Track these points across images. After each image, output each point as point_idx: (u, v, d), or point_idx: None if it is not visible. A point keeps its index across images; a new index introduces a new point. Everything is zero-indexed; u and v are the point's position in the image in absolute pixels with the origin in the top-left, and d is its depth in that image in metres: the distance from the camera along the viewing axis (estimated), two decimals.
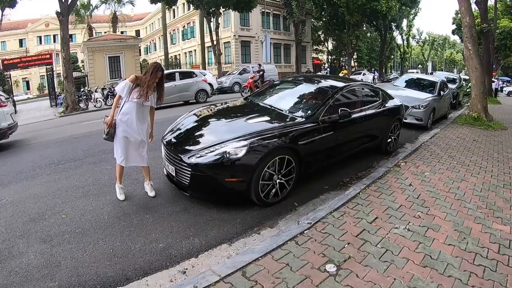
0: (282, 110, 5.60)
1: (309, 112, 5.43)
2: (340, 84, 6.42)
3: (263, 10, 43.20)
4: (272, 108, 5.76)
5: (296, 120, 5.17)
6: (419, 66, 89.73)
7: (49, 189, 5.41)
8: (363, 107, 6.47)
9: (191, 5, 36.14)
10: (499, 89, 37.27)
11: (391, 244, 3.62)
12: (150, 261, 3.39)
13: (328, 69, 30.27)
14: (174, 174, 4.68)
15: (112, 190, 5.13)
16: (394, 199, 4.87)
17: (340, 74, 24.81)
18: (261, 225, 4.20)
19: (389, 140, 7.38)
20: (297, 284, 2.89)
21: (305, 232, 3.79)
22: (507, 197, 5.36)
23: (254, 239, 3.86)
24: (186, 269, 3.28)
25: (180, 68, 44.89)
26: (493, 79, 29.63)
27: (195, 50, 50.01)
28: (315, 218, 4.10)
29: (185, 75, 18.25)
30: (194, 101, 17.90)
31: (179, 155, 4.53)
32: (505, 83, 50.43)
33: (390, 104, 7.31)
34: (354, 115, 5.97)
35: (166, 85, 14.32)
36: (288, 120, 5.20)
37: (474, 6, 21.59)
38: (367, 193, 5.04)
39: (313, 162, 5.31)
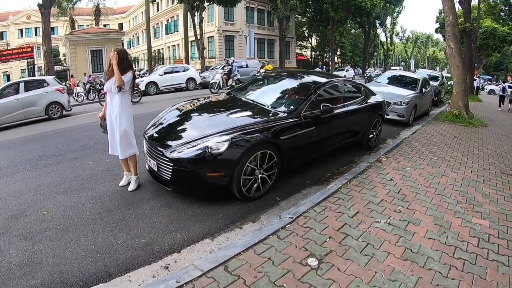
0: (264, 105, 5.60)
1: (292, 107, 5.46)
2: (322, 80, 6.45)
3: (248, 4, 43.19)
4: (255, 103, 5.76)
5: (278, 115, 5.18)
6: (402, 64, 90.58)
7: (30, 185, 5.31)
8: (345, 103, 6.51)
9: None
10: (480, 87, 38.09)
11: (372, 238, 3.68)
12: (132, 257, 3.37)
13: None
14: (156, 169, 4.64)
15: (94, 185, 5.15)
16: (375, 193, 4.94)
17: (262, 70, 23.86)
18: (243, 220, 4.20)
19: (371, 135, 7.46)
20: (279, 277, 2.91)
21: (287, 226, 3.82)
22: (486, 193, 5.50)
23: (236, 233, 3.87)
24: (169, 264, 3.27)
25: (163, 63, 44.52)
26: (474, 78, 30.17)
27: (178, 44, 49.64)
28: (297, 213, 4.13)
29: (32, 85, 14.31)
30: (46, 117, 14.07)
31: (161, 149, 4.50)
32: (486, 81, 51.44)
33: (372, 100, 7.39)
34: (336, 111, 6.02)
35: (6, 100, 13.10)
36: (270, 115, 5.21)
37: (457, 6, 22.02)
38: (349, 187, 5.10)
39: (295, 157, 5.33)
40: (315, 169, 6.08)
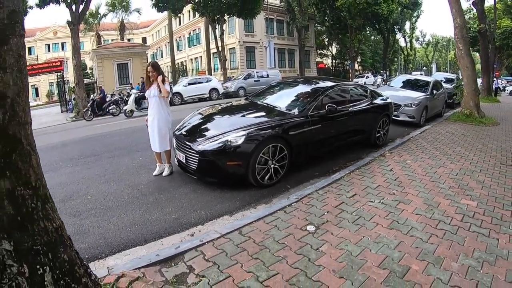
0: (276, 107, 6.41)
1: (300, 108, 6.22)
2: (329, 84, 7.21)
3: (267, 16, 44.01)
4: (269, 106, 6.57)
5: (288, 115, 5.97)
6: (423, 68, 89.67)
7: (73, 178, 6.17)
8: (351, 104, 7.20)
9: (196, 13, 37.02)
10: (501, 88, 37.77)
11: (365, 213, 4.33)
12: (164, 228, 4.14)
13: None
14: (184, 161, 5.50)
15: (131, 177, 6.02)
16: (374, 180, 5.56)
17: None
18: (258, 202, 4.94)
19: (378, 134, 8.06)
20: (282, 238, 3.62)
21: (292, 204, 4.53)
22: (481, 180, 5.94)
23: (251, 212, 4.59)
24: (194, 233, 4.03)
25: (186, 74, 45.77)
26: (493, 78, 30.06)
27: (201, 56, 50.89)
28: (302, 195, 4.84)
29: None
30: None
31: (189, 144, 5.35)
32: (509, 82, 50.59)
33: (378, 101, 8.02)
34: (341, 111, 6.71)
35: None
36: (281, 115, 6.00)
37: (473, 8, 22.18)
38: (351, 176, 5.76)
39: (303, 151, 6.07)
40: (324, 164, 6.73)
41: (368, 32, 58.00)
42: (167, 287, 2.78)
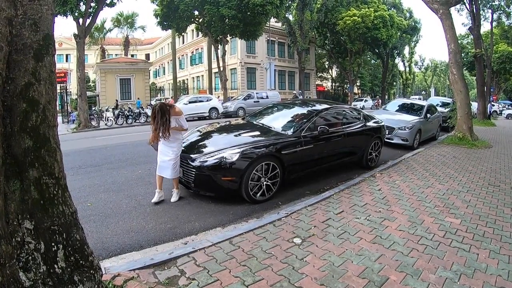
0: (272, 127, 6.75)
1: (293, 129, 6.55)
2: (324, 106, 7.57)
3: (269, 38, 44.56)
4: (264, 126, 6.91)
5: (281, 135, 6.32)
6: (422, 92, 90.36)
7: (74, 186, 6.35)
8: (343, 126, 7.54)
9: (199, 32, 37.69)
10: (497, 112, 38.45)
11: (350, 228, 4.56)
12: (159, 236, 4.39)
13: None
14: (181, 175, 5.78)
15: (129, 188, 6.27)
16: (362, 199, 5.80)
17: None
18: (249, 216, 5.19)
19: (370, 156, 8.32)
20: (269, 248, 3.87)
21: (282, 218, 4.78)
22: (466, 199, 6.13)
23: (242, 225, 4.83)
24: (187, 241, 4.27)
25: (187, 93, 46.22)
26: (493, 103, 30.58)
27: (202, 75, 51.53)
28: (292, 210, 5.10)
29: None
30: None
31: (187, 160, 5.66)
32: (506, 106, 51.16)
33: (370, 124, 8.32)
34: (333, 132, 7.04)
35: None
36: (275, 135, 6.34)
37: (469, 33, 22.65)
38: (340, 195, 6.00)
39: (295, 170, 6.32)
40: (316, 183, 6.99)
41: (367, 56, 58.83)
42: (160, 287, 3.01)
